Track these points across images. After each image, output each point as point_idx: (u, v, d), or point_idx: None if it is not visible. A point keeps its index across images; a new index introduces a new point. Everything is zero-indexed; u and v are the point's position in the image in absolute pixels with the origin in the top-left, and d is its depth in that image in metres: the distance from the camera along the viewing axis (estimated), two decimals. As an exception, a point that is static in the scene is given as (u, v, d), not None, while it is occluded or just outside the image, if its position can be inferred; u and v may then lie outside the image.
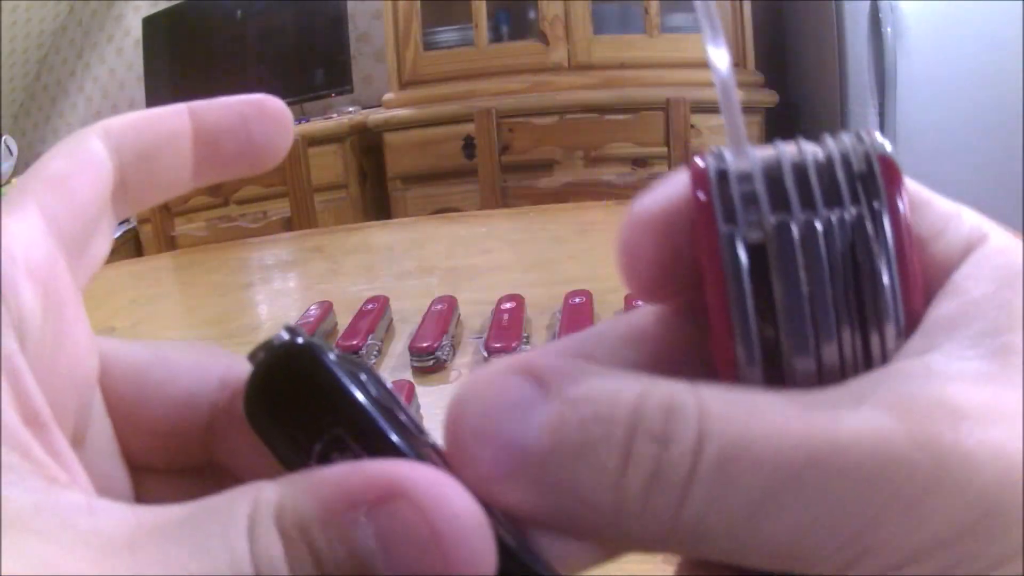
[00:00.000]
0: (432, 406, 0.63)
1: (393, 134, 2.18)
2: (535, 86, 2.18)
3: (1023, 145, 1.79)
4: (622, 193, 1.47)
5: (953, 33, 1.82)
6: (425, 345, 0.69)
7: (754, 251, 0.13)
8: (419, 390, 0.64)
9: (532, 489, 0.12)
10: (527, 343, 0.69)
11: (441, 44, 2.31)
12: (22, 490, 0.11)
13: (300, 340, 0.15)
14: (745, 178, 0.14)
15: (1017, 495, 0.11)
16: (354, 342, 0.71)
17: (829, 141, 0.14)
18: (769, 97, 2.10)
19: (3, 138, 2.70)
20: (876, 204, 0.13)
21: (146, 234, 2.39)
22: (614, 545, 0.14)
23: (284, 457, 0.15)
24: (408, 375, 0.69)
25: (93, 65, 2.85)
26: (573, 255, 0.99)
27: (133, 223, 2.56)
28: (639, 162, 1.99)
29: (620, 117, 1.48)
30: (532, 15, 2.26)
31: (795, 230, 0.13)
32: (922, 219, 0.14)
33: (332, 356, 0.15)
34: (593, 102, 2.00)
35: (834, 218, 0.13)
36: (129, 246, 2.54)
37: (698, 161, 0.14)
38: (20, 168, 2.77)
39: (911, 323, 0.13)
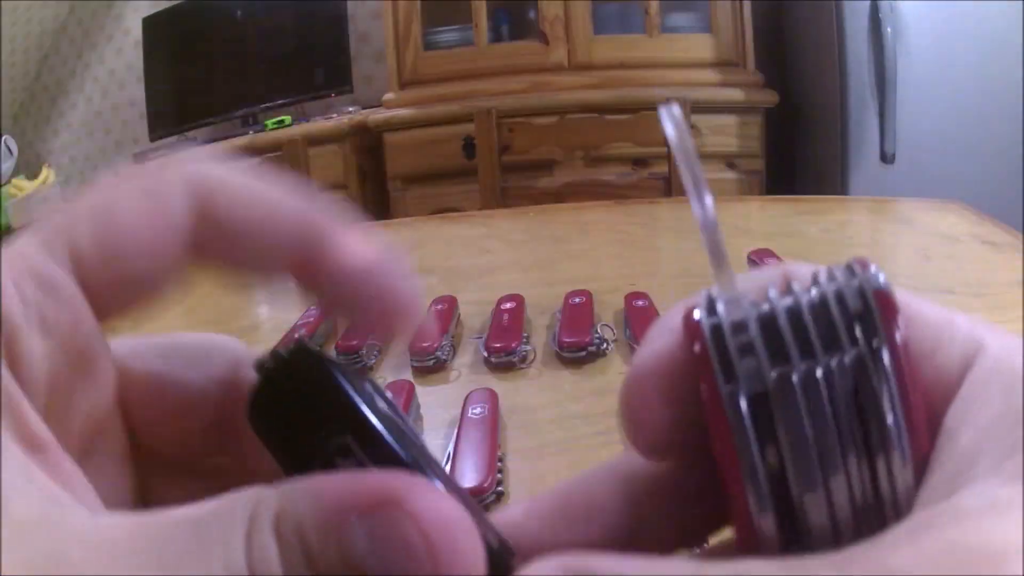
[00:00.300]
0: (432, 406, 0.64)
1: (393, 134, 2.18)
2: (535, 86, 2.18)
3: (1023, 145, 1.79)
4: (622, 193, 1.47)
5: (953, 33, 1.82)
6: (425, 345, 0.69)
7: (757, 398, 0.13)
8: (419, 390, 0.64)
9: None
10: (527, 343, 0.70)
11: (441, 44, 2.31)
12: (26, 505, 0.12)
13: (307, 351, 0.15)
14: (740, 327, 0.14)
15: None
16: (354, 342, 0.71)
17: (822, 278, 0.14)
18: (769, 97, 2.10)
19: (3, 138, 2.69)
20: (875, 342, 0.13)
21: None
22: None
23: (288, 464, 0.15)
24: (408, 375, 0.69)
25: (93, 65, 2.85)
26: (573, 255, 0.99)
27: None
28: (639, 162, 1.99)
29: (620, 117, 1.48)
30: (532, 15, 2.26)
31: (796, 382, 0.13)
32: (915, 334, 0.14)
33: (338, 367, 0.15)
34: (593, 102, 1.99)
35: (834, 363, 0.13)
36: (129, 246, 2.54)
37: (692, 314, 0.14)
38: (20, 168, 2.77)
39: (916, 448, 0.13)
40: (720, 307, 0.14)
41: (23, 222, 2.56)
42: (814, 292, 0.14)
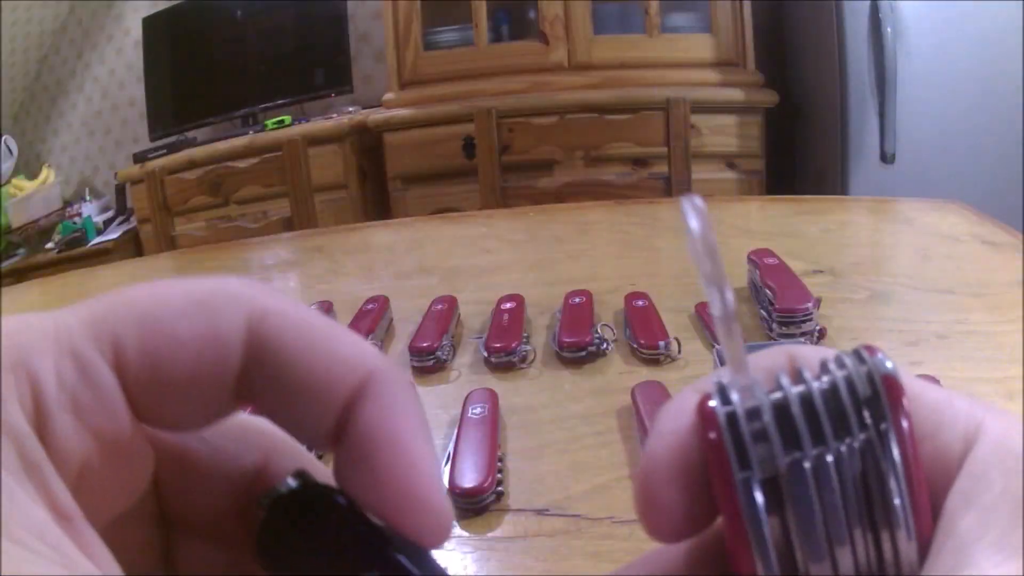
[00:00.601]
0: (432, 406, 0.64)
1: (393, 134, 2.18)
2: (535, 86, 2.18)
3: (1023, 145, 1.79)
4: (622, 193, 1.47)
5: (953, 33, 1.82)
6: (425, 345, 0.69)
7: (768, 481, 0.14)
8: (419, 390, 0.64)
9: None
10: (527, 343, 0.70)
11: (441, 44, 2.31)
12: (45, 570, 0.11)
13: (312, 484, 0.15)
14: (754, 415, 0.14)
15: None
16: (354, 342, 0.71)
17: (832, 365, 0.15)
18: (769, 97, 2.10)
19: (3, 138, 2.70)
20: (883, 426, 0.14)
21: (146, 234, 2.39)
22: None
23: None
24: (408, 375, 0.69)
25: (93, 65, 2.85)
26: (573, 255, 0.99)
27: (133, 223, 2.56)
28: (639, 162, 1.99)
29: (620, 117, 1.48)
30: (532, 15, 2.26)
31: (808, 468, 0.14)
32: (917, 415, 0.15)
33: (342, 500, 0.15)
34: (593, 102, 1.99)
35: (844, 448, 0.14)
36: (129, 246, 2.54)
37: (707, 402, 0.15)
38: (20, 167, 2.78)
39: (920, 527, 0.14)
40: (734, 396, 0.15)
41: (23, 221, 2.56)
42: (825, 379, 0.15)
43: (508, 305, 0.76)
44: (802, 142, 2.28)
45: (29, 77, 2.91)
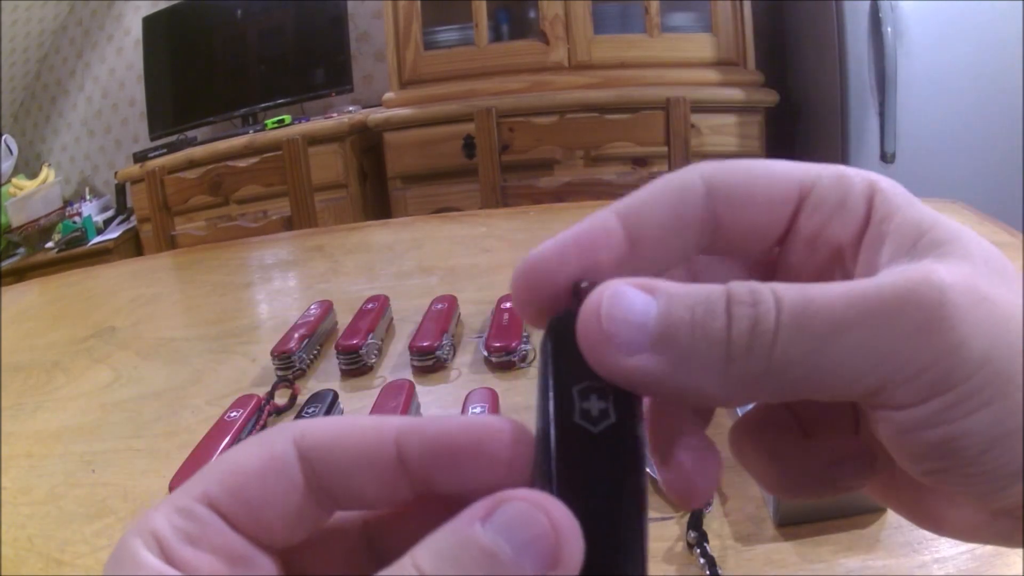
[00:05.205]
0: (432, 405, 0.64)
1: (393, 134, 2.18)
2: (535, 86, 2.18)
3: (1023, 145, 1.79)
4: (622, 193, 1.46)
5: (953, 33, 1.82)
6: (425, 345, 0.69)
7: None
8: (419, 389, 0.64)
9: (655, 357, 0.17)
10: (527, 342, 0.70)
11: (441, 44, 2.31)
12: None
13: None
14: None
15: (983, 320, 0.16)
16: (354, 341, 0.71)
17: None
18: (769, 97, 2.10)
19: (3, 137, 2.69)
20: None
21: (146, 233, 2.39)
22: (711, 402, 0.18)
23: (549, 379, 0.17)
24: (408, 375, 0.69)
25: (93, 65, 2.85)
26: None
27: (133, 223, 2.56)
28: (639, 162, 1.99)
29: (620, 117, 1.48)
30: (532, 15, 2.26)
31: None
32: (825, 189, 0.19)
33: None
34: (593, 102, 2.00)
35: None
36: (129, 245, 2.54)
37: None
38: (20, 167, 2.77)
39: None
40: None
41: (23, 221, 2.56)
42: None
43: (508, 305, 0.76)
44: (802, 142, 2.28)
45: (29, 77, 2.91)
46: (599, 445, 0.17)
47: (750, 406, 0.22)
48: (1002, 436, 0.16)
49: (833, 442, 0.21)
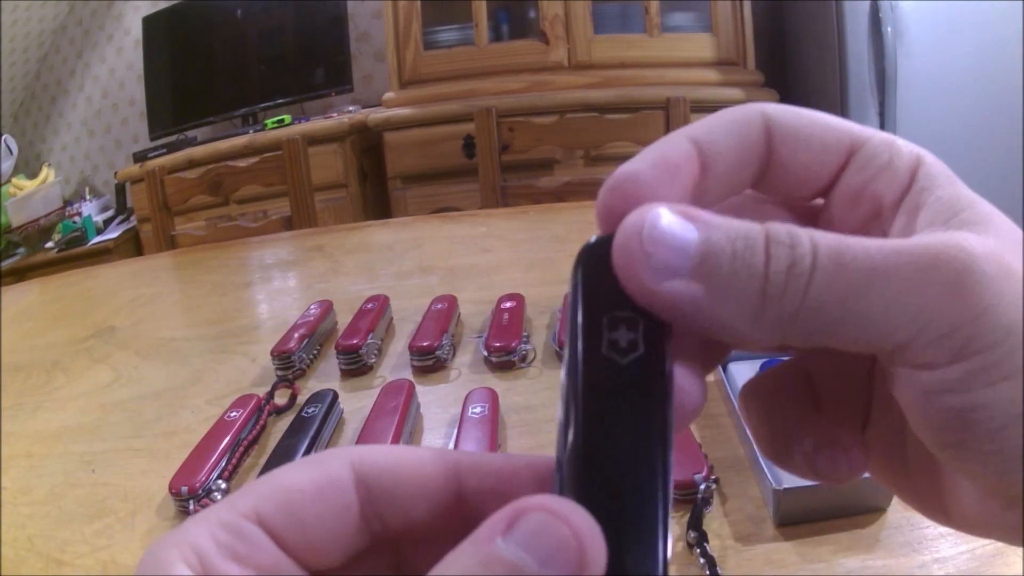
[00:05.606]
0: (432, 405, 0.64)
1: (393, 133, 2.18)
2: (535, 85, 2.18)
3: (1023, 145, 1.79)
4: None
5: (953, 33, 1.82)
6: (425, 344, 0.69)
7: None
8: (419, 389, 0.64)
9: (692, 284, 0.17)
10: (527, 342, 0.69)
11: (441, 43, 2.31)
12: None
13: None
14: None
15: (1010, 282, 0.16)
16: (354, 341, 0.71)
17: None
18: (769, 97, 2.10)
19: (3, 137, 2.69)
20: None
21: (146, 233, 2.39)
22: (738, 338, 0.18)
23: (580, 308, 0.18)
24: (408, 374, 0.69)
25: (93, 65, 2.85)
26: (573, 254, 0.99)
27: (133, 222, 2.56)
28: (639, 162, 1.99)
29: (620, 117, 1.48)
30: (532, 14, 2.26)
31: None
32: (875, 147, 0.20)
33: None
34: (593, 101, 2.00)
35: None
36: (129, 245, 2.54)
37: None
38: (20, 167, 2.77)
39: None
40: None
41: (23, 221, 2.56)
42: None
43: (508, 304, 0.76)
44: (802, 142, 2.28)
45: (29, 77, 2.91)
46: (626, 377, 0.16)
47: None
48: (1021, 415, 0.16)
49: (837, 428, 0.21)
